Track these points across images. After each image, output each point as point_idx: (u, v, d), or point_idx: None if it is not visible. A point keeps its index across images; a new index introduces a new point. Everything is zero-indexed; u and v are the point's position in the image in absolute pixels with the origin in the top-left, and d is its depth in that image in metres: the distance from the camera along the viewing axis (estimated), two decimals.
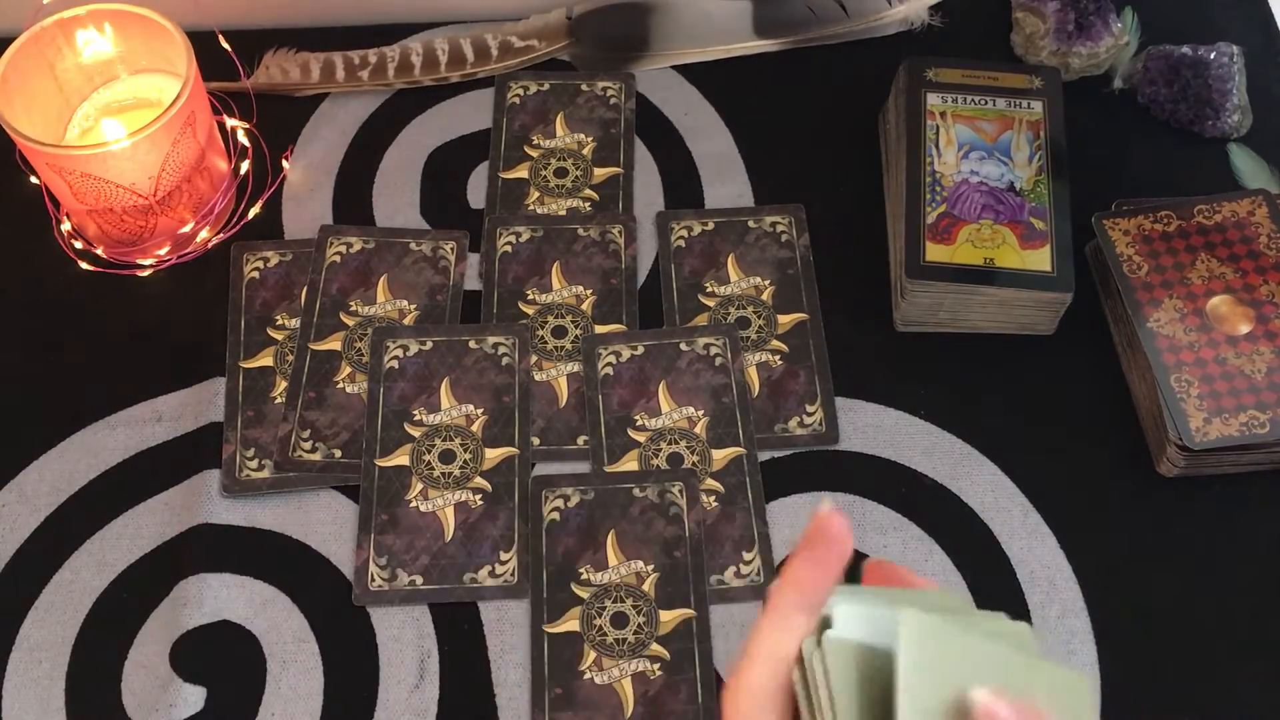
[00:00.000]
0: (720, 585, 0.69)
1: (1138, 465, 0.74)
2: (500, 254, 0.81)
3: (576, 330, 0.78)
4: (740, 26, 0.90)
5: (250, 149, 0.85)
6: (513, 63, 0.89)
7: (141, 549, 0.71)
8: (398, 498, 0.72)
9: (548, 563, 0.70)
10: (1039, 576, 0.70)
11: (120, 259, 0.81)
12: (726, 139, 0.87)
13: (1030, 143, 0.79)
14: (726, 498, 0.72)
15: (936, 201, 0.77)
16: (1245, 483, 0.73)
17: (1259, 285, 0.74)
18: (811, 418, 0.75)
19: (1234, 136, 0.85)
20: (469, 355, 0.77)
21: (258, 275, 0.80)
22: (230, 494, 0.72)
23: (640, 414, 0.75)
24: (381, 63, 0.88)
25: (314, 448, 0.74)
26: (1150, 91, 0.86)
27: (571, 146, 0.86)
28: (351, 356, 0.77)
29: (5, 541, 0.71)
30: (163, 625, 0.69)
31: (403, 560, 0.70)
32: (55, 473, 0.73)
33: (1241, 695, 0.67)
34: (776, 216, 0.83)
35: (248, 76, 0.87)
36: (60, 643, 0.68)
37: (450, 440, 0.74)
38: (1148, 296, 0.75)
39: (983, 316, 0.77)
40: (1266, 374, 0.71)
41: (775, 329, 0.78)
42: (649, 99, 0.88)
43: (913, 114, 0.80)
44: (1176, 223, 0.77)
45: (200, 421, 0.75)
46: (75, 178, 0.74)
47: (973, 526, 0.72)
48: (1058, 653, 0.68)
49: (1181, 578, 0.71)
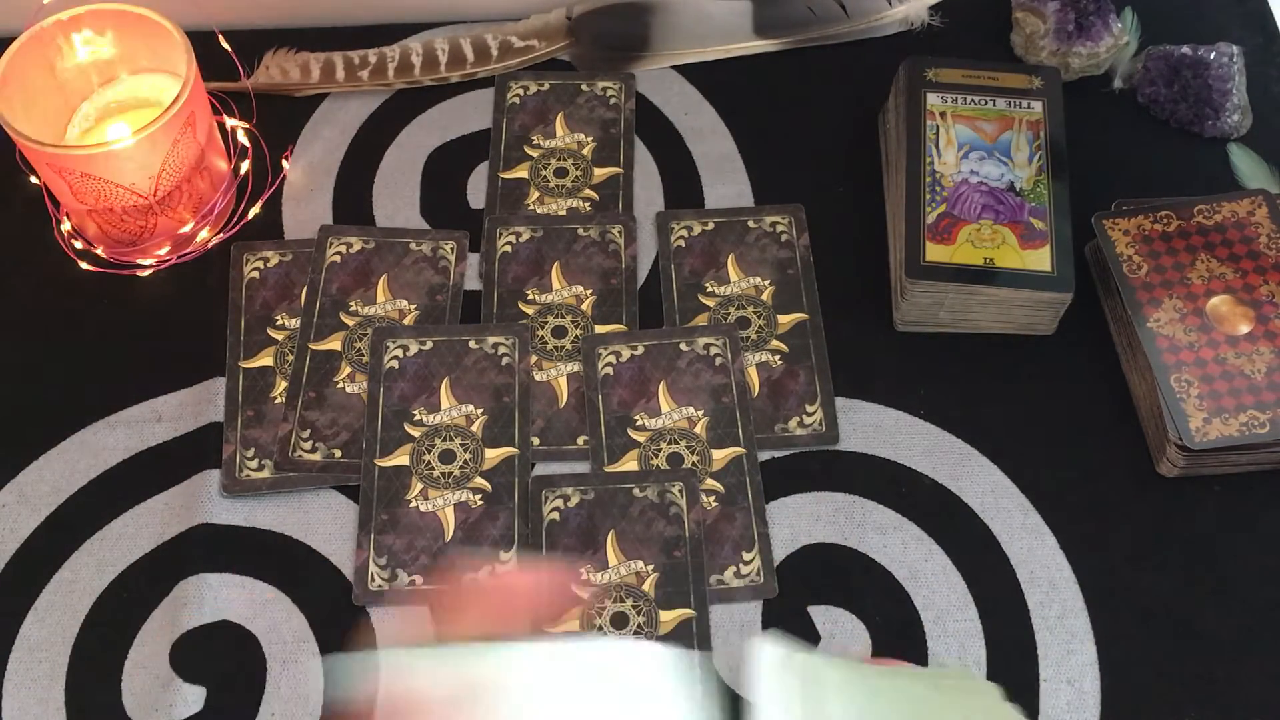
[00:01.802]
0: (720, 585, 0.69)
1: (1138, 465, 0.74)
2: (500, 254, 0.81)
3: (576, 330, 0.78)
4: (740, 26, 0.90)
5: (250, 149, 0.85)
6: (513, 63, 0.89)
7: (141, 549, 0.71)
8: (398, 498, 0.72)
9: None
10: (1039, 576, 0.70)
11: (120, 259, 0.81)
12: (726, 139, 0.87)
13: (1030, 143, 0.79)
14: (726, 498, 0.72)
15: (936, 201, 0.77)
16: (1245, 483, 0.73)
17: (1259, 285, 0.74)
18: (811, 418, 0.75)
19: (1234, 136, 0.85)
20: (469, 355, 0.77)
21: (258, 275, 0.80)
22: (230, 494, 0.72)
23: (640, 414, 0.75)
24: (381, 63, 0.88)
25: (314, 448, 0.74)
26: (1150, 91, 0.86)
27: (571, 146, 0.86)
28: (351, 356, 0.77)
29: (5, 541, 0.71)
30: (163, 625, 0.69)
31: (403, 560, 0.70)
32: (55, 473, 0.73)
33: (1241, 695, 0.67)
34: (776, 216, 0.83)
35: (248, 76, 0.87)
36: (60, 643, 0.68)
37: (450, 440, 0.74)
38: (1148, 296, 0.75)
39: (983, 316, 0.77)
40: (1266, 374, 0.71)
41: (775, 329, 0.78)
42: (649, 99, 0.88)
43: (913, 114, 0.80)
44: (1176, 223, 0.77)
45: (200, 421, 0.75)
46: (75, 178, 0.74)
47: (973, 526, 0.72)
48: (1057, 652, 0.68)
49: (1181, 578, 0.71)
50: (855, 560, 0.71)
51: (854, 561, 0.71)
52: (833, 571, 0.70)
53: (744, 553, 0.70)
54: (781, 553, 0.71)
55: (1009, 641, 0.68)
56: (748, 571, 0.70)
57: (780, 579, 0.70)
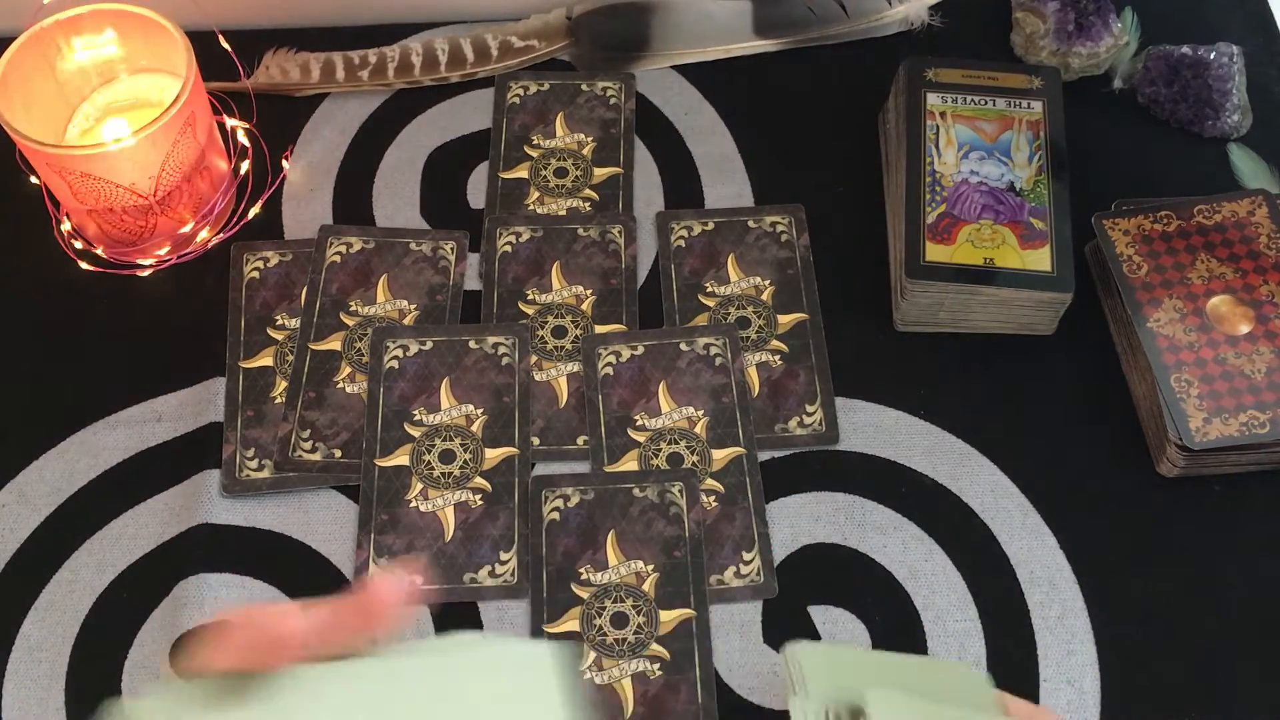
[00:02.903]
0: (720, 585, 0.69)
1: (1138, 465, 0.74)
2: (500, 254, 0.81)
3: (576, 330, 0.78)
4: (740, 26, 0.90)
5: (250, 149, 0.85)
6: (513, 63, 0.89)
7: (141, 549, 0.71)
8: (398, 498, 0.72)
9: (548, 563, 0.70)
10: (1039, 576, 0.70)
11: (120, 259, 0.81)
12: (726, 139, 0.87)
13: (1030, 143, 0.79)
14: (726, 498, 0.72)
15: (936, 201, 0.77)
16: (1245, 483, 0.73)
17: (1259, 285, 0.74)
18: (811, 418, 0.75)
19: (1234, 136, 0.85)
20: (469, 355, 0.77)
21: (258, 275, 0.80)
22: (230, 494, 0.72)
23: (640, 414, 0.75)
24: (381, 63, 0.88)
25: (314, 448, 0.74)
26: (1150, 91, 0.86)
27: (571, 146, 0.86)
28: (351, 356, 0.77)
29: (5, 541, 0.71)
30: (163, 625, 0.69)
31: (403, 560, 0.70)
32: (55, 473, 0.73)
33: (1241, 695, 0.67)
34: (776, 216, 0.83)
35: (248, 76, 0.87)
36: (60, 643, 0.68)
37: (450, 440, 0.74)
38: (1148, 296, 0.75)
39: (983, 316, 0.77)
40: (1266, 374, 0.71)
41: (775, 329, 0.78)
42: (649, 99, 0.88)
43: (913, 114, 0.80)
44: (1176, 223, 0.77)
45: (200, 421, 0.75)
46: (75, 178, 0.74)
47: (973, 526, 0.72)
48: (1058, 652, 0.68)
49: (1181, 578, 0.71)
50: (855, 560, 0.71)
51: (854, 561, 0.71)
52: (833, 571, 0.70)
53: (744, 553, 0.70)
54: (781, 553, 0.71)
55: (1009, 641, 0.68)
56: (748, 571, 0.70)
57: (780, 579, 0.70)
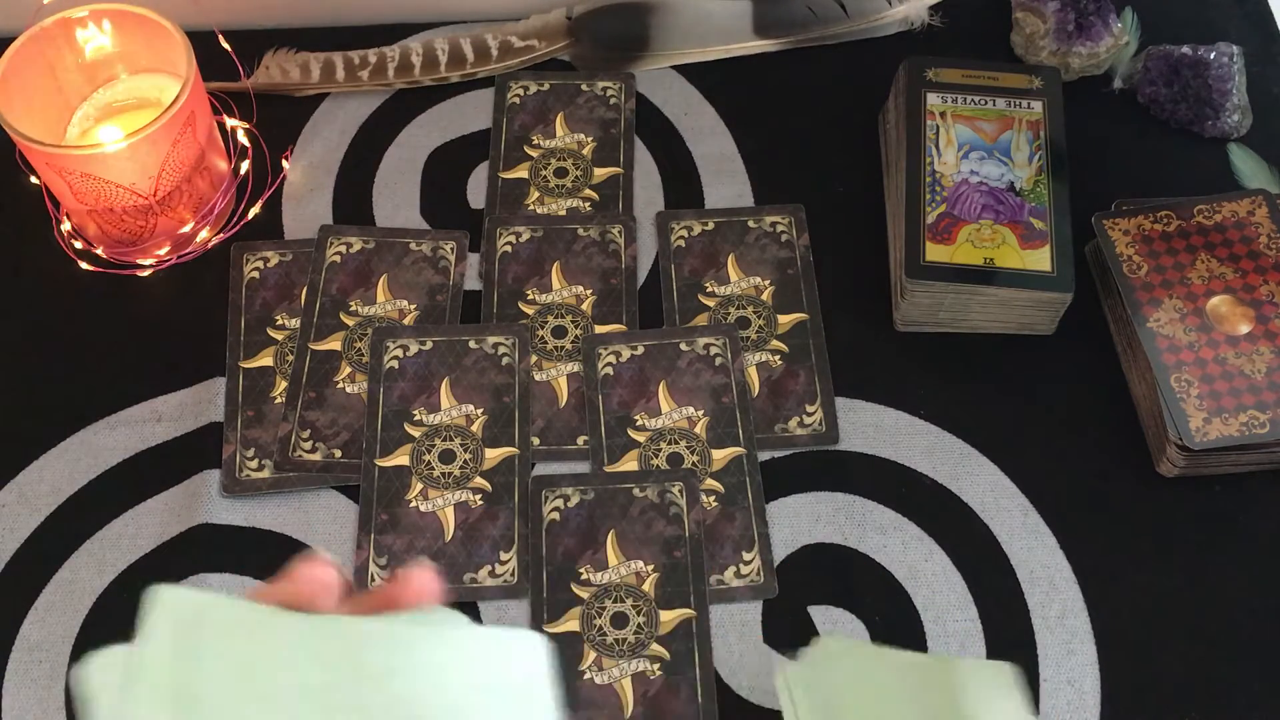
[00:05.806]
0: (720, 585, 0.69)
1: (1138, 465, 0.74)
2: (500, 254, 0.81)
3: (576, 330, 0.78)
4: (740, 26, 0.90)
5: (250, 149, 0.85)
6: (513, 63, 0.89)
7: (141, 549, 0.71)
8: (398, 498, 0.72)
9: (548, 563, 0.70)
10: (1039, 576, 0.70)
11: (120, 259, 0.81)
12: (726, 139, 0.87)
13: (1030, 143, 0.79)
14: (726, 498, 0.72)
15: (936, 201, 0.77)
16: (1245, 483, 0.73)
17: (1259, 285, 0.74)
18: (811, 418, 0.75)
19: (1234, 136, 0.85)
20: (469, 355, 0.77)
21: (258, 275, 0.80)
22: (230, 494, 0.72)
23: (640, 414, 0.75)
24: (381, 63, 0.88)
25: (314, 448, 0.74)
26: (1150, 91, 0.86)
27: (571, 146, 0.86)
28: (351, 356, 0.77)
29: (5, 541, 0.71)
30: None
31: (403, 560, 0.70)
32: (55, 473, 0.73)
33: (1241, 695, 0.67)
34: (776, 216, 0.83)
35: (248, 76, 0.87)
36: (60, 643, 0.68)
37: (450, 440, 0.74)
38: (1148, 296, 0.75)
39: (983, 316, 0.77)
40: (1266, 374, 0.71)
41: (775, 329, 0.78)
42: (649, 99, 0.88)
43: (913, 114, 0.80)
44: (1176, 223, 0.77)
45: (200, 421, 0.75)
46: (75, 178, 0.74)
47: (973, 526, 0.72)
48: (1057, 652, 0.68)
49: (1181, 578, 0.71)
50: (855, 560, 0.71)
51: (854, 561, 0.71)
52: (833, 571, 0.70)
53: (744, 553, 0.70)
54: (781, 553, 0.71)
55: (1009, 641, 0.68)
56: (748, 571, 0.70)
57: (780, 579, 0.70)
